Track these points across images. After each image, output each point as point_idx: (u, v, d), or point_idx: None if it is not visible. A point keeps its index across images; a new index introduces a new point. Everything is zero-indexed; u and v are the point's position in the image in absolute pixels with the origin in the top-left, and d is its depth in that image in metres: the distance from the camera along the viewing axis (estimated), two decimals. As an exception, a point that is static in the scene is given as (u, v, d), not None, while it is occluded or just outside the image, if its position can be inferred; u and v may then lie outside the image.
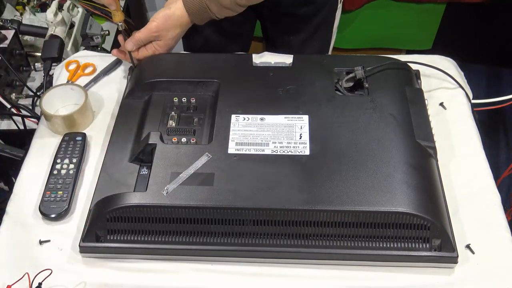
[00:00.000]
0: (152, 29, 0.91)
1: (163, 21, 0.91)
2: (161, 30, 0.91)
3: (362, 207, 0.69)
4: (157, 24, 0.91)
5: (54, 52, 1.11)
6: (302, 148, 0.76)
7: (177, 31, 0.93)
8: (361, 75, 0.85)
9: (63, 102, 0.93)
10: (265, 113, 0.82)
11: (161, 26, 0.91)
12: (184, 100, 0.86)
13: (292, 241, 0.71)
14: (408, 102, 0.83)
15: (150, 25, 0.91)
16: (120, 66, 1.02)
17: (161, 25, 0.91)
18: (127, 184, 0.75)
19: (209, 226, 0.71)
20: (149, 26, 0.91)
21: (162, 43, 0.93)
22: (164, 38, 0.92)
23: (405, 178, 0.72)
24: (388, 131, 0.78)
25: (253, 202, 0.70)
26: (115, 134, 0.84)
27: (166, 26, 0.91)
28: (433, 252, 0.70)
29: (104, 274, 0.73)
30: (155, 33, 0.91)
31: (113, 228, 0.72)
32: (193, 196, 0.71)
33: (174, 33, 0.93)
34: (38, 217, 0.79)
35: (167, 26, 0.91)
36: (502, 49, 1.95)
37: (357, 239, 0.71)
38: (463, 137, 0.87)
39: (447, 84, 0.95)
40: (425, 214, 0.69)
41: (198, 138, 0.80)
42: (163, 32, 0.92)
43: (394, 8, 1.72)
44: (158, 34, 0.92)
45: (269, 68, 0.90)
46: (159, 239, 0.72)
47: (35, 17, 1.37)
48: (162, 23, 0.91)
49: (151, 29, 0.91)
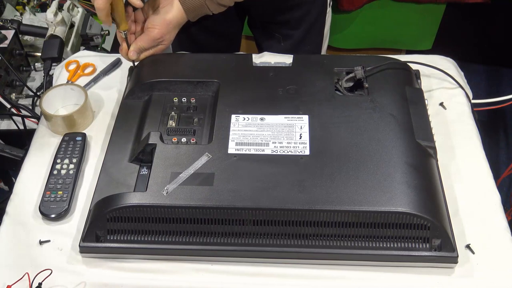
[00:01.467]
0: (156, 37, 0.92)
1: (165, 26, 0.91)
2: (164, 35, 0.92)
3: (362, 207, 0.69)
4: (160, 31, 0.91)
5: (54, 52, 1.11)
6: (302, 148, 0.76)
7: (176, 31, 0.94)
8: (361, 75, 0.86)
9: (63, 102, 0.93)
10: (265, 113, 0.82)
11: (164, 31, 0.92)
12: (184, 100, 0.86)
13: (292, 241, 0.71)
14: (408, 102, 0.83)
15: (152, 32, 0.91)
16: (120, 66, 1.02)
17: (164, 31, 0.92)
18: (127, 184, 0.75)
19: (209, 226, 0.71)
20: (152, 34, 0.91)
21: (163, 46, 0.94)
22: (166, 41, 0.94)
23: (405, 178, 0.72)
24: (388, 131, 0.78)
25: (253, 202, 0.70)
26: (115, 134, 0.84)
27: (168, 30, 0.92)
28: (433, 252, 0.70)
29: (104, 274, 0.73)
30: (159, 40, 0.92)
31: (113, 228, 0.72)
32: (193, 196, 0.71)
33: (174, 34, 0.94)
34: (38, 217, 0.79)
35: (168, 30, 0.92)
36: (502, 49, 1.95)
37: (357, 239, 0.71)
38: (463, 137, 0.87)
39: (447, 84, 0.95)
40: (425, 214, 0.69)
41: (198, 138, 0.80)
42: (166, 36, 0.93)
43: (394, 8, 1.72)
44: (162, 39, 0.93)
45: (269, 68, 0.90)
46: (159, 239, 0.72)
47: (35, 17, 1.37)
48: (164, 28, 0.91)
49: (154, 37, 0.91)
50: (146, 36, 0.92)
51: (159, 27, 0.91)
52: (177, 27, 0.94)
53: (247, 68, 0.91)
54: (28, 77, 1.23)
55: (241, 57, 0.90)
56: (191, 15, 0.94)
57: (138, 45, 0.92)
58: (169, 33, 0.93)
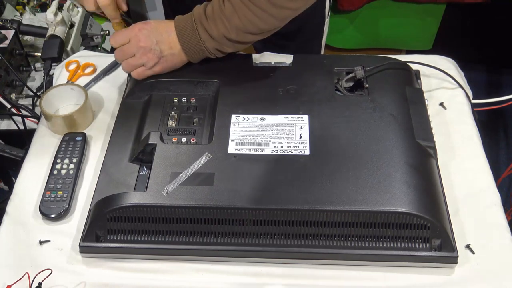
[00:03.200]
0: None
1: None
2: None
3: (362, 207, 0.69)
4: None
5: (54, 52, 1.11)
6: (302, 148, 0.76)
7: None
8: (361, 75, 0.86)
9: (63, 102, 0.93)
10: (265, 113, 0.82)
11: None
12: (184, 100, 0.86)
13: (292, 241, 0.71)
14: (408, 102, 0.83)
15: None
16: (120, 66, 1.02)
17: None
18: (127, 184, 0.75)
19: (209, 226, 0.71)
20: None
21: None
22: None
23: (405, 178, 0.72)
24: (388, 131, 0.78)
25: (253, 202, 0.70)
26: (115, 134, 0.84)
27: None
28: (433, 252, 0.70)
29: (104, 274, 0.73)
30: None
31: (113, 228, 0.72)
32: (193, 196, 0.71)
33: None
34: (38, 217, 0.79)
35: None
36: (502, 49, 1.95)
37: (357, 239, 0.71)
38: (463, 137, 0.87)
39: (447, 84, 0.95)
40: (425, 214, 0.69)
41: (198, 138, 0.80)
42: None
43: (394, 8, 1.72)
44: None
45: (269, 68, 0.90)
46: (159, 239, 0.72)
47: (35, 17, 1.37)
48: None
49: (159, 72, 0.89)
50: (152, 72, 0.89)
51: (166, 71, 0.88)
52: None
53: (247, 68, 0.91)
54: (28, 77, 1.23)
55: (241, 57, 0.89)
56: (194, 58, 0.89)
57: (146, 74, 0.88)
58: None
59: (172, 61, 0.87)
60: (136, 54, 0.86)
